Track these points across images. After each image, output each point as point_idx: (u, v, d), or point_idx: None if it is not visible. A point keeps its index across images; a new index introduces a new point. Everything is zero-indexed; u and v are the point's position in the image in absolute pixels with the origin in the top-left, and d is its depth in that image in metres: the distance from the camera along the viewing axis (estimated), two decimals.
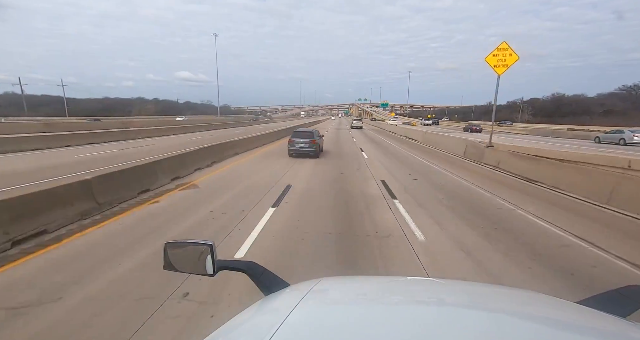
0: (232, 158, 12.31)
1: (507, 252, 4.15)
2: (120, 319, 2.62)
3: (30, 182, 7.27)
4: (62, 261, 3.64)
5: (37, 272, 3.40)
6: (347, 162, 11.72)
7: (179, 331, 2.50)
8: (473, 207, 6.19)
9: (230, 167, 10.48)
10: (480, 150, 12.66)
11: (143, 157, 11.24)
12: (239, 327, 0.76)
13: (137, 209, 5.67)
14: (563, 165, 8.78)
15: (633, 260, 3.95)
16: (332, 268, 3.60)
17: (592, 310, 0.80)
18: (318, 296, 0.86)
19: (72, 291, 3.02)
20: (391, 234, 4.64)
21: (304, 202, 6.31)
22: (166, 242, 1.08)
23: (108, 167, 9.11)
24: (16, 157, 11.95)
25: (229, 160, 11.74)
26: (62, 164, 10.31)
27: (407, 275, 2.47)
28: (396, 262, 3.80)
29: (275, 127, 34.36)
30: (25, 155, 12.43)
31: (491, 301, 0.89)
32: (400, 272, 3.55)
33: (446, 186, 8.00)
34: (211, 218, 5.23)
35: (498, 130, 36.42)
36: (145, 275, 3.31)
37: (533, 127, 42.98)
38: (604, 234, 4.90)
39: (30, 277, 3.29)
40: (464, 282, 1.23)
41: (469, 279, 3.50)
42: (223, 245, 4.17)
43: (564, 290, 3.23)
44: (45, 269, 3.47)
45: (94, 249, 4.01)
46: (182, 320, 2.64)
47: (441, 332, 0.64)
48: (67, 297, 2.92)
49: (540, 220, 5.49)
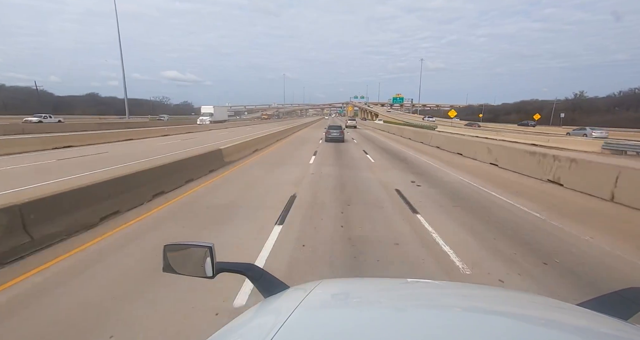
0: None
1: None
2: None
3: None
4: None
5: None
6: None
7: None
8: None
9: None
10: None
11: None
12: (240, 329, 0.76)
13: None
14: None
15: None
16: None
17: (593, 313, 0.80)
18: (318, 298, 0.85)
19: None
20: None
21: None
22: (165, 245, 1.07)
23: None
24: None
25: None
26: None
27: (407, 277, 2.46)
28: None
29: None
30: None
31: (492, 304, 0.89)
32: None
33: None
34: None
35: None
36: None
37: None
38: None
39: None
40: (465, 284, 1.24)
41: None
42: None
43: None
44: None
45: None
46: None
47: (442, 334, 0.63)
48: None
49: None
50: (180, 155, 9.80)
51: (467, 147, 14.48)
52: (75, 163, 10.65)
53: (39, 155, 12.46)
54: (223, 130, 33.55)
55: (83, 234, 4.50)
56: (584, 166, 7.77)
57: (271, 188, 7.40)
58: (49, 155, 12.48)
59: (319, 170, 9.80)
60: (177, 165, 7.56)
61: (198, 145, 16.03)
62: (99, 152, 13.48)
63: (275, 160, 12.09)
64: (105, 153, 13.37)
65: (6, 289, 3.14)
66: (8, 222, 3.81)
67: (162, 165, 6.99)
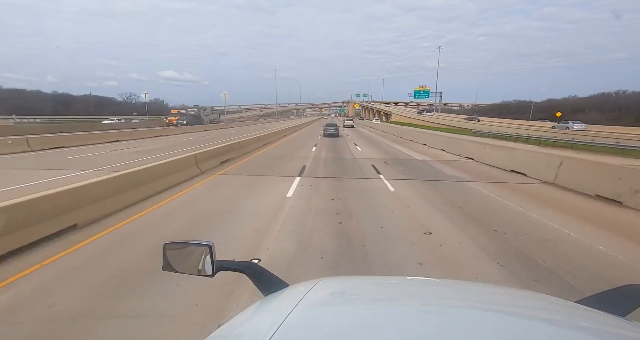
0: None
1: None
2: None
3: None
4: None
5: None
6: None
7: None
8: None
9: None
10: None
11: None
12: (239, 328, 0.76)
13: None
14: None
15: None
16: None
17: (591, 310, 0.80)
18: (318, 296, 0.85)
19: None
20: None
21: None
22: (165, 243, 1.08)
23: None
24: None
25: None
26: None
27: (406, 275, 2.47)
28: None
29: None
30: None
31: (491, 301, 0.89)
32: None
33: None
34: None
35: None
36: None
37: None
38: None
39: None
40: (464, 282, 1.24)
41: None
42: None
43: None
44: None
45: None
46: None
47: (441, 332, 0.63)
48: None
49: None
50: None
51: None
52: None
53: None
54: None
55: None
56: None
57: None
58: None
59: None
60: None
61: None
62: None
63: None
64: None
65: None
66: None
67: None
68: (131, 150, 14.08)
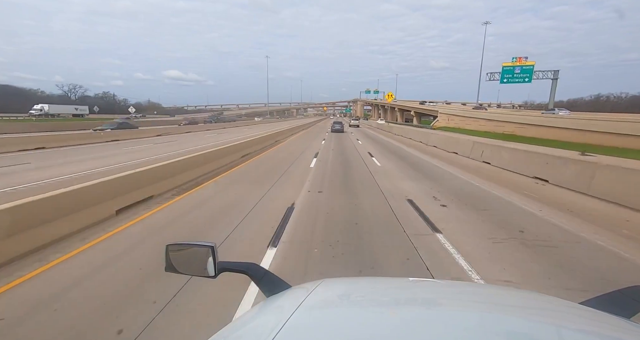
0: None
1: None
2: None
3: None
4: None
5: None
6: None
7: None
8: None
9: None
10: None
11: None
12: (242, 328, 0.77)
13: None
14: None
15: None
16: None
17: (595, 311, 0.80)
18: (320, 297, 0.85)
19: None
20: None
21: None
22: (168, 244, 1.07)
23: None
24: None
25: None
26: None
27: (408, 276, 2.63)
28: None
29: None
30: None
31: (495, 302, 0.89)
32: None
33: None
34: None
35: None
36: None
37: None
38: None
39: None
40: (467, 283, 1.20)
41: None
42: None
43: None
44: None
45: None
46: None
47: (443, 333, 0.63)
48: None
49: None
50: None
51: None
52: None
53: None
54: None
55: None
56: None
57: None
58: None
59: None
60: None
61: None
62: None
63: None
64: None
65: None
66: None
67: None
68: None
